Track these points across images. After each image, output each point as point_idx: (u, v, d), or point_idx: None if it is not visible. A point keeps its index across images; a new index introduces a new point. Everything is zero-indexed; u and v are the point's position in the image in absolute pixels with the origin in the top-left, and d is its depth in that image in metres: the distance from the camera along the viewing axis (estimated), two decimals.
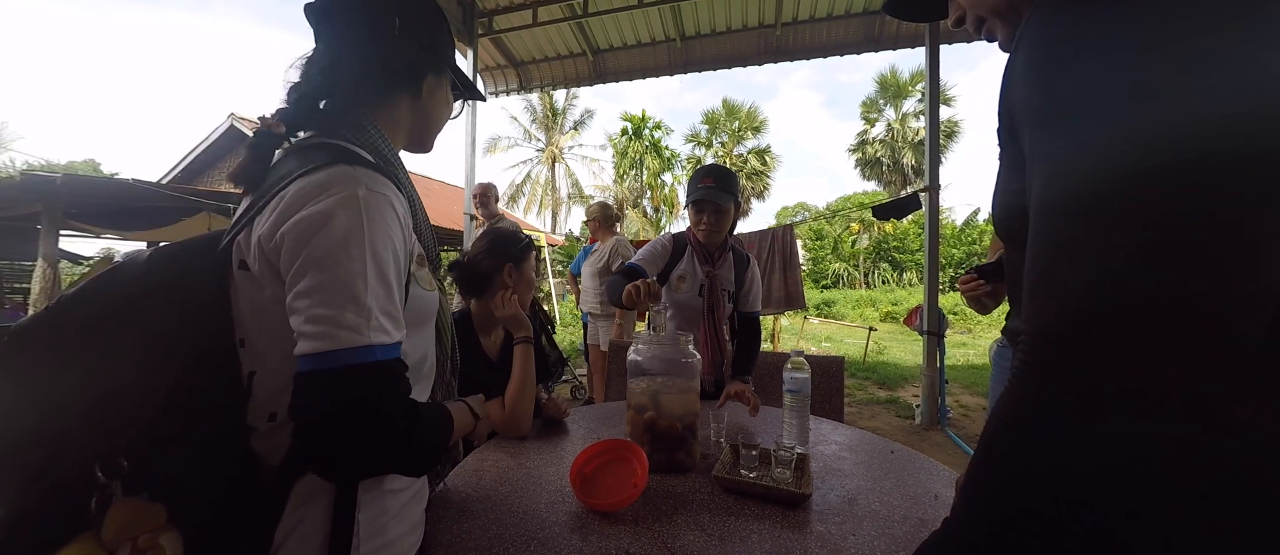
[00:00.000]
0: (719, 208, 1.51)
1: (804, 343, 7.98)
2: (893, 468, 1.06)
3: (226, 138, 10.02)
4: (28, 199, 4.13)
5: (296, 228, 0.48)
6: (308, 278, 0.47)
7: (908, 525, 0.81)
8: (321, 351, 0.45)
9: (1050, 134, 0.34)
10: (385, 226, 0.50)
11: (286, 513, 0.51)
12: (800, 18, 4.37)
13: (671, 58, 4.88)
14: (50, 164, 17.14)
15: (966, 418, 3.90)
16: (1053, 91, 0.34)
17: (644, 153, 22.01)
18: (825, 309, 14.61)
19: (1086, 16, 0.33)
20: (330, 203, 0.48)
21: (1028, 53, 0.37)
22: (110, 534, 0.42)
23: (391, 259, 0.51)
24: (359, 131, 0.58)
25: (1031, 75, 0.36)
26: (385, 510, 0.57)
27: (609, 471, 0.94)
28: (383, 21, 0.60)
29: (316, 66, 0.60)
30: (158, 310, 0.50)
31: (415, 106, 0.65)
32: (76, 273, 8.23)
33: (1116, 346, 0.30)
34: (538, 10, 4.30)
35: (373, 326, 0.47)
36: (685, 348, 1.07)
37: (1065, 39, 0.34)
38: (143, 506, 0.44)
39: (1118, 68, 0.31)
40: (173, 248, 0.56)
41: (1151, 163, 0.29)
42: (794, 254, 4.81)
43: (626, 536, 0.76)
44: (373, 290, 0.48)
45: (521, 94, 5.45)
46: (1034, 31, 0.36)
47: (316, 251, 0.47)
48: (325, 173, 0.50)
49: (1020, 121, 0.37)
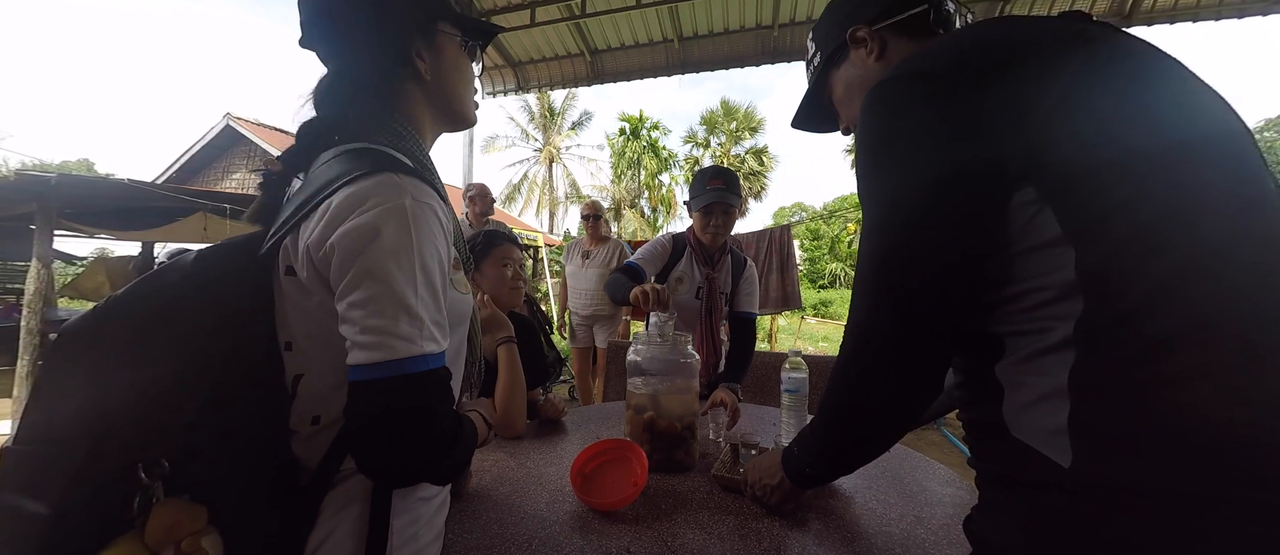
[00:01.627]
0: (729, 209, 1.53)
1: (801, 342, 8.00)
2: (889, 467, 1.07)
3: (222, 137, 9.98)
4: (22, 199, 4.10)
5: (345, 239, 0.48)
6: (361, 289, 0.47)
7: (904, 523, 0.82)
8: (378, 361, 0.46)
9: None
10: (432, 237, 0.51)
11: (322, 518, 0.51)
12: (798, 19, 4.38)
13: (670, 58, 4.88)
14: (43, 164, 17.02)
15: None
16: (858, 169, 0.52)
17: (642, 153, 22.02)
18: (822, 309, 14.65)
19: (862, 128, 0.51)
20: (378, 214, 0.48)
21: (856, 136, 0.54)
22: (154, 536, 0.42)
23: (437, 268, 0.52)
24: (392, 135, 0.58)
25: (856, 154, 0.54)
26: (417, 518, 0.57)
27: (609, 471, 0.95)
28: (351, 20, 0.59)
29: (325, 86, 0.60)
30: (198, 313, 0.51)
31: (423, 85, 0.62)
32: (70, 273, 8.18)
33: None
34: (536, 10, 4.30)
35: (425, 336, 0.48)
36: (684, 348, 1.08)
37: (860, 136, 0.52)
38: (186, 508, 0.45)
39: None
40: (215, 250, 0.56)
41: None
42: (791, 254, 4.83)
43: (627, 535, 0.77)
44: (423, 301, 0.49)
45: (519, 94, 5.45)
46: (858, 125, 0.53)
47: (368, 263, 0.47)
48: (371, 181, 0.50)
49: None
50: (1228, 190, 0.38)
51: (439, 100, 0.64)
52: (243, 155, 10.16)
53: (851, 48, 0.64)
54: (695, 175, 1.60)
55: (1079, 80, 0.40)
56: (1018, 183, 0.41)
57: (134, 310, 0.50)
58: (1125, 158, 0.38)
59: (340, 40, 0.60)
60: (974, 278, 0.44)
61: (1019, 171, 0.41)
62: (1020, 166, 0.41)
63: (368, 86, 0.60)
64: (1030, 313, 0.42)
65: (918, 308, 0.46)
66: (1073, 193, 0.39)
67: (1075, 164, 0.39)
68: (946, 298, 0.45)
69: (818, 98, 0.72)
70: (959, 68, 0.45)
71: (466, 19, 0.66)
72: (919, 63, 0.47)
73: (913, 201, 0.45)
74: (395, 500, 0.54)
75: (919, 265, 0.45)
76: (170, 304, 0.51)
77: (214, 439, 0.48)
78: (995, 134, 0.41)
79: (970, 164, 0.42)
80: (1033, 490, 0.40)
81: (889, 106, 0.48)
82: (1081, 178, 0.39)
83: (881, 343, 0.48)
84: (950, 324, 0.46)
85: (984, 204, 0.42)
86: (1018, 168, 0.41)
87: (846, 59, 0.66)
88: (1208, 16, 3.58)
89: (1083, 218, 0.39)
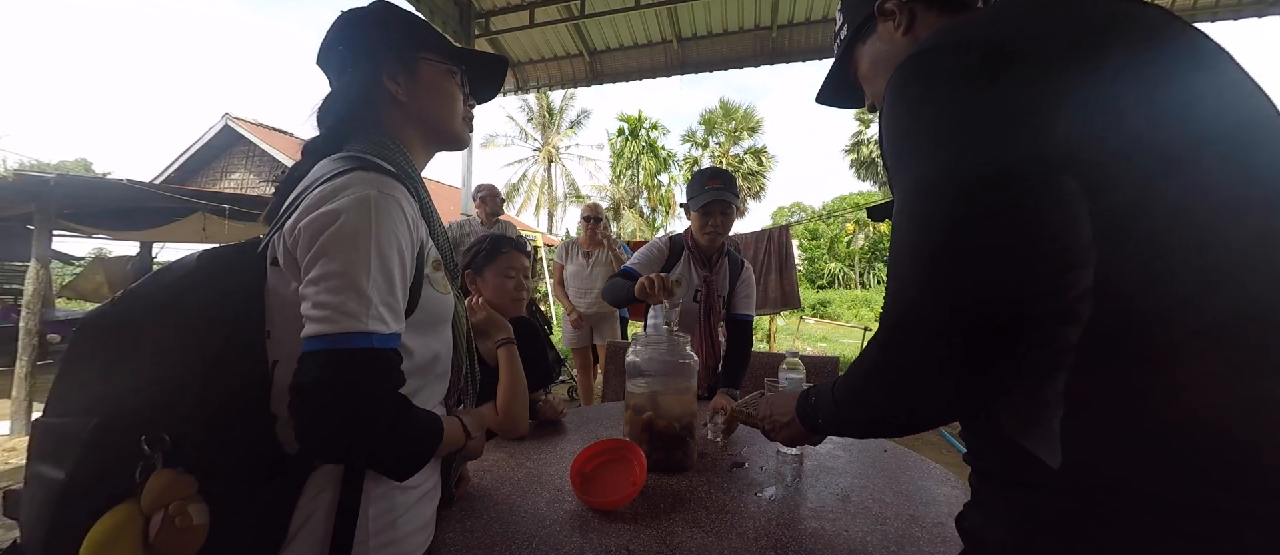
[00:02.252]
0: (727, 208, 1.53)
1: (800, 342, 8.02)
2: (886, 466, 1.08)
3: (221, 137, 9.96)
4: (21, 199, 4.09)
5: (312, 224, 0.53)
6: (317, 267, 0.52)
7: (900, 522, 0.83)
8: (320, 333, 0.50)
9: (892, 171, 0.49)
10: (392, 226, 0.55)
11: (302, 500, 0.55)
12: (796, 20, 4.40)
13: (669, 59, 4.90)
14: (41, 163, 16.98)
15: None
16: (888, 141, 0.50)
17: (640, 153, 22.02)
18: (821, 309, 14.67)
19: (892, 106, 0.49)
20: (342, 202, 0.53)
21: (882, 114, 0.51)
22: (148, 500, 0.47)
23: (396, 256, 0.55)
24: (376, 146, 0.64)
25: (882, 131, 0.51)
26: (395, 506, 0.59)
27: (608, 471, 0.96)
28: (334, 50, 0.68)
29: (323, 104, 0.68)
30: (199, 306, 0.56)
31: (401, 107, 0.68)
32: (68, 273, 8.16)
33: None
34: (535, 11, 4.31)
35: (371, 315, 0.51)
36: (682, 349, 1.09)
37: (889, 115, 0.49)
38: (178, 477, 0.49)
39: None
40: (220, 249, 0.61)
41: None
42: (790, 255, 4.85)
43: (626, 534, 0.78)
44: (375, 282, 0.52)
45: (518, 94, 5.45)
46: (885, 102, 0.50)
47: (326, 244, 0.52)
48: (344, 177, 0.56)
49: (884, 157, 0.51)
50: (1265, 188, 0.36)
51: (419, 120, 0.69)
52: (241, 155, 10.14)
53: (879, 20, 0.61)
54: (692, 176, 1.60)
55: (1124, 71, 0.37)
56: (1059, 176, 0.38)
57: (144, 302, 0.55)
58: (1157, 155, 0.36)
59: (331, 67, 0.69)
60: (1026, 279, 0.40)
61: (1061, 165, 0.38)
62: (1061, 159, 0.38)
63: (353, 105, 0.66)
64: (1038, 316, 0.40)
65: (973, 313, 0.41)
66: (1107, 192, 0.37)
67: (1110, 161, 0.37)
68: (1003, 302, 0.40)
69: (843, 73, 0.69)
70: (993, 47, 0.41)
71: (451, 49, 0.71)
72: (954, 35, 0.44)
73: (955, 192, 0.41)
74: (368, 487, 0.57)
75: (970, 268, 0.41)
76: (176, 297, 0.56)
77: (206, 420, 0.52)
78: (1035, 124, 0.38)
79: (1010, 157, 0.39)
80: (1022, 489, 0.41)
81: (921, 85, 0.45)
82: (1116, 176, 0.37)
83: (926, 343, 0.43)
84: (1005, 339, 0.41)
85: (1027, 200, 0.39)
86: (1059, 160, 0.38)
87: (873, 32, 0.63)
88: (1204, 18, 3.61)
89: (1112, 219, 0.37)
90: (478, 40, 4.47)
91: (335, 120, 0.66)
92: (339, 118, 0.66)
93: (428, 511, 0.66)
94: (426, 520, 0.65)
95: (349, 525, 0.55)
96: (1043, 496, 0.39)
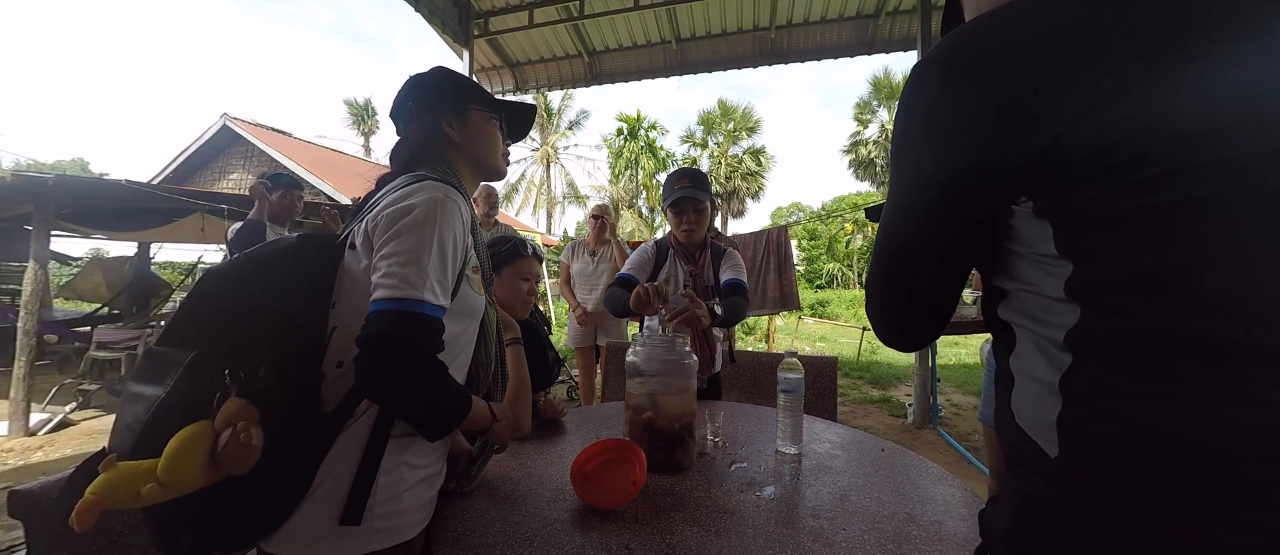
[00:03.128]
0: (698, 205, 1.58)
1: (798, 342, 8.03)
2: (883, 465, 1.09)
3: (219, 137, 9.93)
4: (19, 199, 4.07)
5: (392, 213, 0.68)
6: (391, 245, 0.65)
7: (897, 521, 0.84)
8: (386, 297, 0.62)
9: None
10: (452, 222, 0.70)
11: (329, 456, 0.64)
12: (795, 20, 4.41)
13: (667, 59, 4.91)
14: (38, 164, 16.91)
15: (958, 416, 3.95)
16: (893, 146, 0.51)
17: (639, 153, 22.02)
18: (820, 309, 14.69)
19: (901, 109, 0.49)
20: (417, 199, 0.68)
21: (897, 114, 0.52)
22: (222, 419, 0.56)
23: (451, 245, 0.69)
24: (440, 170, 0.79)
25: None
26: (401, 481, 0.68)
27: (609, 470, 0.97)
28: (406, 108, 0.84)
29: (396, 146, 0.84)
30: (289, 274, 0.69)
31: (455, 145, 0.84)
32: (66, 273, 8.13)
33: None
34: (534, 11, 4.32)
35: (427, 288, 0.64)
36: (681, 350, 1.10)
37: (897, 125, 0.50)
38: (246, 406, 0.58)
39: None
40: (312, 235, 0.78)
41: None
42: (788, 255, 4.85)
43: (626, 533, 0.79)
44: (433, 262, 0.66)
45: (517, 94, 5.46)
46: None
47: (401, 229, 0.66)
48: (418, 185, 0.71)
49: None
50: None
51: (469, 156, 0.85)
52: (240, 155, 10.12)
53: None
54: (665, 179, 1.65)
55: (1114, 86, 0.35)
56: (1016, 196, 0.40)
57: (253, 262, 0.69)
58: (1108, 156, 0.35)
59: (400, 119, 0.85)
60: (976, 258, 0.48)
61: (1018, 185, 0.39)
62: (1019, 178, 0.39)
63: (420, 145, 0.82)
64: (1030, 312, 0.42)
65: (914, 297, 0.52)
66: (1071, 214, 0.38)
67: (1080, 183, 0.37)
68: (944, 289, 0.50)
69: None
70: (972, 60, 0.42)
71: (492, 101, 0.88)
72: (944, 47, 0.44)
73: (914, 205, 0.48)
74: (385, 459, 0.66)
75: (917, 268, 0.50)
76: (274, 262, 0.69)
77: (275, 365, 0.63)
78: (994, 140, 0.39)
79: (962, 172, 0.42)
80: (1026, 473, 0.42)
81: (906, 95, 0.47)
82: (1082, 197, 0.37)
83: (883, 316, 0.54)
84: (948, 300, 0.51)
85: (982, 214, 0.43)
86: (1017, 180, 0.39)
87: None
88: None
89: (1081, 241, 0.37)
90: (476, 40, 4.48)
91: (406, 157, 0.81)
92: (409, 154, 0.81)
93: (428, 494, 0.72)
94: (425, 501, 0.72)
95: (365, 488, 0.64)
96: (1040, 483, 0.40)
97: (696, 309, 1.28)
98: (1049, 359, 0.40)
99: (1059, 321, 0.39)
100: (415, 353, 0.62)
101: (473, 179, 0.88)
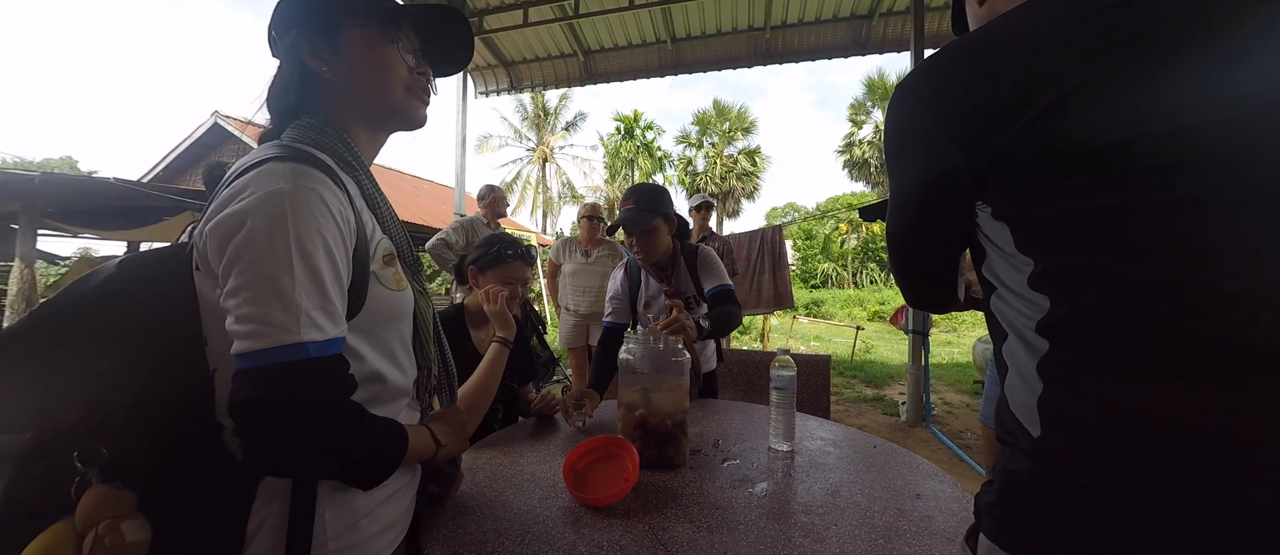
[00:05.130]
0: (643, 230, 1.49)
1: (793, 342, 8.06)
2: (875, 462, 1.09)
3: (211, 135, 9.85)
4: (5, 198, 4.03)
5: (217, 228, 0.49)
6: (233, 277, 0.47)
7: (887, 516, 0.84)
8: (249, 350, 0.46)
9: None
10: (312, 221, 0.49)
11: (255, 507, 0.52)
12: (789, 21, 4.43)
13: (662, 59, 4.91)
14: (24, 161, 16.68)
15: (951, 415, 3.98)
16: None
17: (636, 153, 22.03)
18: (814, 308, 14.76)
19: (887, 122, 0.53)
20: (248, 202, 0.48)
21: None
22: (81, 518, 0.45)
23: (322, 252, 0.50)
24: (310, 132, 0.58)
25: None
26: (355, 509, 0.57)
27: (601, 468, 0.97)
28: (270, 41, 0.62)
29: (266, 96, 0.63)
30: (125, 314, 0.52)
31: (330, 85, 0.60)
32: (53, 273, 8.03)
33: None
34: (528, 10, 4.31)
35: (304, 324, 0.47)
36: (674, 347, 1.10)
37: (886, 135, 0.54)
38: (111, 494, 0.46)
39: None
40: (147, 254, 0.58)
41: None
42: (783, 254, 4.87)
43: (619, 529, 0.79)
44: (301, 285, 0.47)
45: (512, 94, 5.44)
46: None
47: (238, 250, 0.47)
48: (251, 173, 0.51)
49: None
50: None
51: (353, 98, 0.61)
52: (232, 154, 10.00)
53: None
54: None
55: (1080, 86, 0.38)
56: (975, 201, 0.45)
57: (71, 311, 0.52)
58: (1093, 169, 0.37)
59: (273, 49, 0.63)
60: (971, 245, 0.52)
61: (972, 192, 0.45)
62: (974, 181, 0.44)
63: (283, 91, 0.61)
64: (1011, 303, 0.45)
65: (922, 277, 0.59)
66: (1025, 216, 0.42)
67: (1030, 187, 0.41)
68: (950, 267, 0.56)
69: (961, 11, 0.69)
70: (926, 83, 0.47)
71: (376, 7, 0.61)
72: (913, 71, 0.50)
73: (905, 204, 0.53)
74: (321, 491, 0.54)
75: (921, 255, 0.57)
76: (98, 306, 0.52)
77: (145, 432, 0.49)
78: (944, 153, 0.45)
79: (927, 183, 0.48)
80: (1013, 453, 0.44)
81: (891, 108, 0.52)
82: (1033, 200, 0.41)
83: (904, 289, 0.61)
84: (951, 270, 0.56)
85: (959, 213, 0.47)
86: (970, 188, 0.44)
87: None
88: None
89: (1038, 240, 0.41)
90: None
91: (273, 113, 0.61)
92: (275, 108, 0.61)
93: (393, 511, 0.62)
94: (393, 520, 0.62)
95: (304, 529, 0.53)
96: (1023, 460, 0.42)
97: (685, 319, 1.26)
98: (1028, 346, 0.43)
99: (1031, 312, 0.43)
100: (306, 415, 0.47)
101: (369, 131, 0.64)
